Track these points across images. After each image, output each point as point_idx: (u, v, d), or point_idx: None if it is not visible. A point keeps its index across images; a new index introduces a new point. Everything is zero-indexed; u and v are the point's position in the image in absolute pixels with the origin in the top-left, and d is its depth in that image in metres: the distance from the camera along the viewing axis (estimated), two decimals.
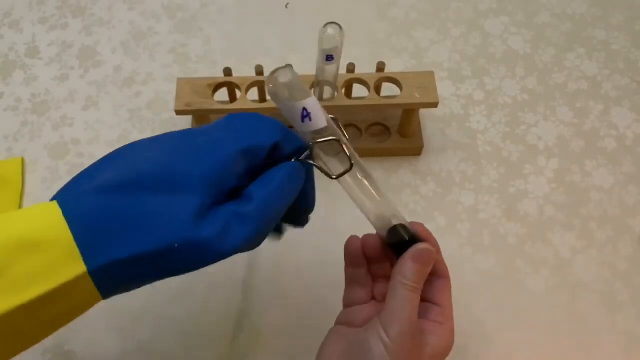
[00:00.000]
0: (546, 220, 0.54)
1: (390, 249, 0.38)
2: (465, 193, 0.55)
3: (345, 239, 0.40)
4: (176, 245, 0.27)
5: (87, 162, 0.57)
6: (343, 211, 0.53)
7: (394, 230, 0.37)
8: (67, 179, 0.56)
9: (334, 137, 0.33)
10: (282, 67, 0.32)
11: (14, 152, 0.58)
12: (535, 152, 0.58)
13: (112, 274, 0.28)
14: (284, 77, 0.32)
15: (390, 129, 0.58)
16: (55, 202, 0.28)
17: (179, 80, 0.52)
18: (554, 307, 0.50)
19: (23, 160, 0.57)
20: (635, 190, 0.56)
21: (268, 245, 0.33)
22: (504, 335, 0.49)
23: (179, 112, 0.51)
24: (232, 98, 0.55)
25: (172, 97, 0.52)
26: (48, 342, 0.48)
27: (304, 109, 0.32)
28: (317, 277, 0.42)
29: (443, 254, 0.39)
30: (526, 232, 0.53)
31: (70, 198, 0.28)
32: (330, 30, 0.44)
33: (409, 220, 0.38)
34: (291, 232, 0.39)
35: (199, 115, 0.53)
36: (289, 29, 0.66)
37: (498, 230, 0.54)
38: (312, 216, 0.38)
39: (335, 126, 0.34)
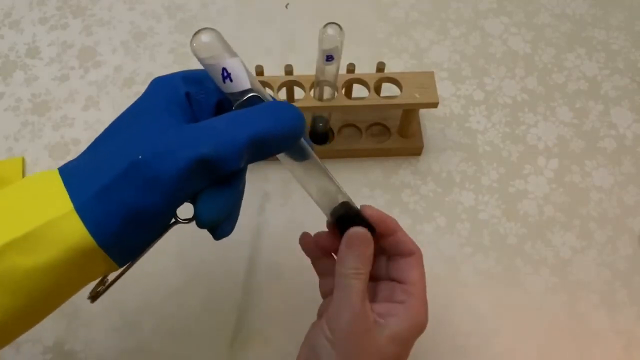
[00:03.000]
0: (546, 220, 0.54)
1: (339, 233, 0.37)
2: (465, 193, 0.55)
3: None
4: (140, 157, 0.29)
5: None
6: None
7: (336, 210, 0.36)
8: None
9: (255, 94, 0.33)
10: (203, 28, 0.33)
11: (14, 152, 0.58)
12: (535, 152, 0.58)
13: (97, 206, 0.29)
14: (204, 37, 0.32)
15: (390, 129, 0.58)
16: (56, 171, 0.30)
17: None
18: (554, 307, 0.50)
19: (23, 160, 0.57)
20: (635, 190, 0.56)
21: (268, 245, 0.34)
22: (503, 335, 0.49)
23: None
24: None
25: None
26: (48, 341, 0.48)
27: (224, 69, 0.32)
28: (316, 277, 0.42)
29: (443, 254, 0.39)
30: (526, 232, 0.54)
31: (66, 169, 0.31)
32: (330, 30, 0.44)
33: (409, 221, 0.38)
34: (290, 234, 0.39)
35: None
36: (289, 29, 0.66)
37: (498, 230, 0.54)
38: (311, 216, 0.38)
39: (261, 88, 0.34)
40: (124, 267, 0.32)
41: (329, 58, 0.46)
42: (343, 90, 0.53)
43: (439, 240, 0.53)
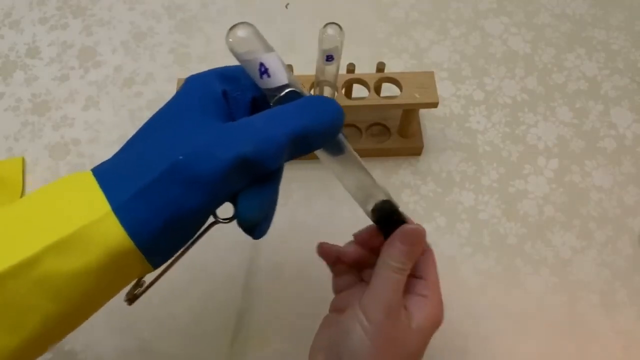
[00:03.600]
0: (546, 220, 0.54)
1: (377, 227, 0.37)
2: (465, 193, 0.55)
3: (345, 239, 0.40)
4: (180, 157, 0.28)
5: (88, 162, 0.57)
6: (342, 211, 0.53)
7: (380, 208, 0.36)
8: None
9: (293, 89, 0.32)
10: (239, 23, 0.32)
11: (14, 152, 0.58)
12: (535, 152, 0.58)
13: (135, 207, 0.28)
14: (240, 31, 0.32)
15: (390, 129, 0.58)
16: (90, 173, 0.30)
17: (179, 80, 0.52)
18: (554, 307, 0.50)
19: (23, 160, 0.57)
20: (634, 190, 0.56)
21: (268, 245, 0.34)
22: (503, 335, 0.49)
23: None
24: None
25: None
26: None
27: (261, 65, 0.31)
28: (316, 277, 0.42)
29: (443, 254, 0.39)
30: (526, 232, 0.54)
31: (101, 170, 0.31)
32: (330, 30, 0.44)
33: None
34: (290, 234, 0.39)
35: None
36: (289, 29, 0.66)
37: (498, 230, 0.54)
38: (311, 217, 0.38)
39: (298, 82, 0.33)
40: (163, 268, 0.32)
41: (329, 58, 0.46)
42: (343, 90, 0.53)
43: (439, 240, 0.53)
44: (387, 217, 0.36)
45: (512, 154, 0.58)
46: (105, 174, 0.30)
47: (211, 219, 0.32)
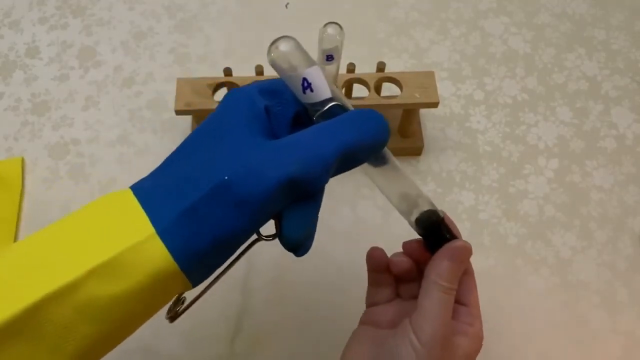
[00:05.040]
0: (546, 220, 0.54)
1: (424, 241, 0.36)
2: (465, 193, 0.55)
3: (344, 239, 0.40)
4: (226, 177, 0.28)
5: (87, 162, 0.57)
6: (342, 212, 0.53)
7: (426, 218, 0.35)
8: (67, 179, 0.56)
9: (337, 103, 0.31)
10: (281, 37, 0.31)
11: (14, 152, 0.58)
12: (535, 152, 0.58)
13: (180, 229, 0.28)
14: (283, 46, 0.31)
15: (390, 129, 0.57)
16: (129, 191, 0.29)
17: (179, 80, 0.52)
18: (554, 307, 0.50)
19: (23, 160, 0.57)
20: (635, 190, 0.56)
21: (268, 245, 0.33)
22: (503, 335, 0.49)
23: (178, 112, 0.51)
24: None
25: (172, 97, 0.52)
26: None
27: (304, 80, 0.31)
28: (316, 277, 0.42)
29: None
30: (526, 232, 0.53)
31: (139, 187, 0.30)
32: (330, 30, 0.44)
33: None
34: None
35: (199, 115, 0.53)
36: (289, 29, 0.66)
37: (498, 230, 0.54)
38: None
39: (341, 95, 0.32)
40: (206, 285, 0.32)
41: (329, 58, 0.46)
42: (343, 90, 0.53)
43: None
44: (433, 228, 0.35)
45: (513, 153, 0.58)
46: (146, 193, 0.29)
47: (254, 236, 0.31)
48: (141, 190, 0.29)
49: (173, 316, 0.32)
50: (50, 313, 0.26)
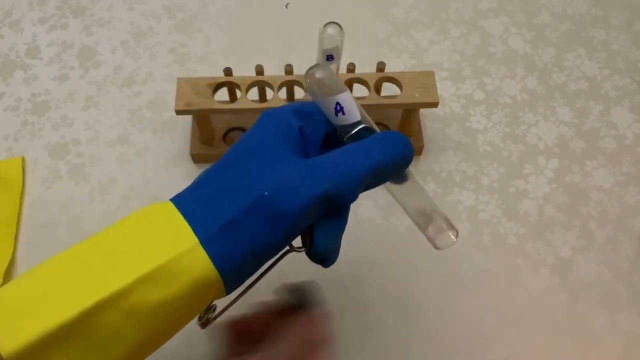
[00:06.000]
0: (546, 220, 0.54)
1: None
2: (465, 193, 0.55)
3: (344, 239, 0.40)
4: (265, 193, 0.30)
5: (87, 162, 0.57)
6: None
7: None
8: (67, 179, 0.56)
9: (365, 125, 0.34)
10: (317, 65, 0.35)
11: (14, 152, 0.58)
12: (535, 152, 0.58)
13: (221, 239, 0.29)
14: (319, 73, 0.34)
15: (390, 129, 0.58)
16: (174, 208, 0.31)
17: (179, 80, 0.52)
18: (554, 307, 0.50)
19: (23, 160, 0.57)
20: (635, 190, 0.56)
21: None
22: (503, 335, 0.49)
23: (179, 112, 0.51)
24: (232, 98, 0.55)
25: (172, 97, 0.52)
26: None
27: (337, 104, 0.34)
28: (316, 277, 0.42)
29: (443, 254, 0.39)
30: (526, 232, 0.53)
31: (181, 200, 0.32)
32: (330, 30, 0.44)
33: (409, 221, 0.38)
34: None
35: (199, 115, 0.53)
36: (289, 29, 0.66)
37: (498, 230, 0.54)
38: None
39: (369, 119, 0.35)
40: (238, 293, 0.34)
41: (329, 58, 0.46)
42: None
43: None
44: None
45: (513, 153, 0.58)
46: (187, 205, 0.31)
47: (286, 248, 0.33)
48: (182, 202, 0.31)
49: (205, 323, 0.34)
50: (101, 318, 0.27)
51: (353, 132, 0.34)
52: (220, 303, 0.34)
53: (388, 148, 0.33)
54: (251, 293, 0.35)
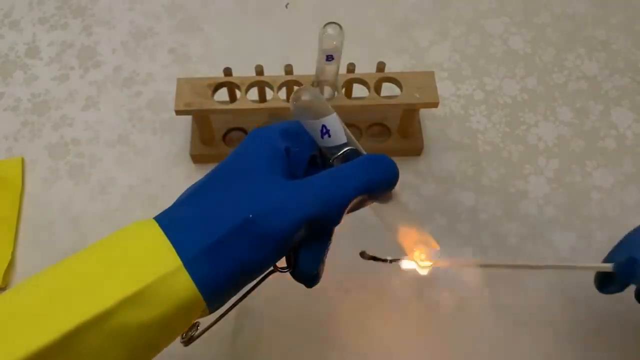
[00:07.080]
0: (546, 220, 0.54)
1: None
2: (465, 193, 0.55)
3: (344, 239, 0.40)
4: (250, 215, 0.30)
5: (87, 162, 0.57)
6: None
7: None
8: (67, 179, 0.56)
9: (351, 148, 0.34)
10: (303, 88, 0.35)
11: (14, 152, 0.58)
12: (535, 152, 0.58)
13: (205, 262, 0.30)
14: (305, 97, 0.34)
15: (390, 129, 0.58)
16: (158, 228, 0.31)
17: (179, 80, 0.52)
18: (554, 308, 0.50)
19: (23, 160, 0.57)
20: (635, 190, 0.56)
21: None
22: (503, 335, 0.49)
23: (178, 112, 0.51)
24: (232, 98, 0.55)
25: (172, 97, 0.52)
26: None
27: (323, 126, 0.34)
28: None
29: (443, 254, 0.39)
30: (526, 232, 0.53)
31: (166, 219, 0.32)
32: (330, 30, 0.44)
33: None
34: None
35: (199, 115, 0.53)
36: (289, 29, 0.66)
37: (498, 230, 0.54)
38: None
39: (355, 140, 0.35)
40: (221, 313, 0.34)
41: (329, 58, 0.46)
42: (343, 90, 0.53)
43: (439, 241, 0.53)
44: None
45: (513, 153, 0.58)
46: (172, 225, 0.31)
47: (270, 268, 0.34)
48: (166, 222, 0.31)
49: (187, 340, 0.34)
50: (84, 339, 0.27)
51: (339, 153, 0.34)
52: (203, 321, 0.34)
53: (374, 171, 0.33)
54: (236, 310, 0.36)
